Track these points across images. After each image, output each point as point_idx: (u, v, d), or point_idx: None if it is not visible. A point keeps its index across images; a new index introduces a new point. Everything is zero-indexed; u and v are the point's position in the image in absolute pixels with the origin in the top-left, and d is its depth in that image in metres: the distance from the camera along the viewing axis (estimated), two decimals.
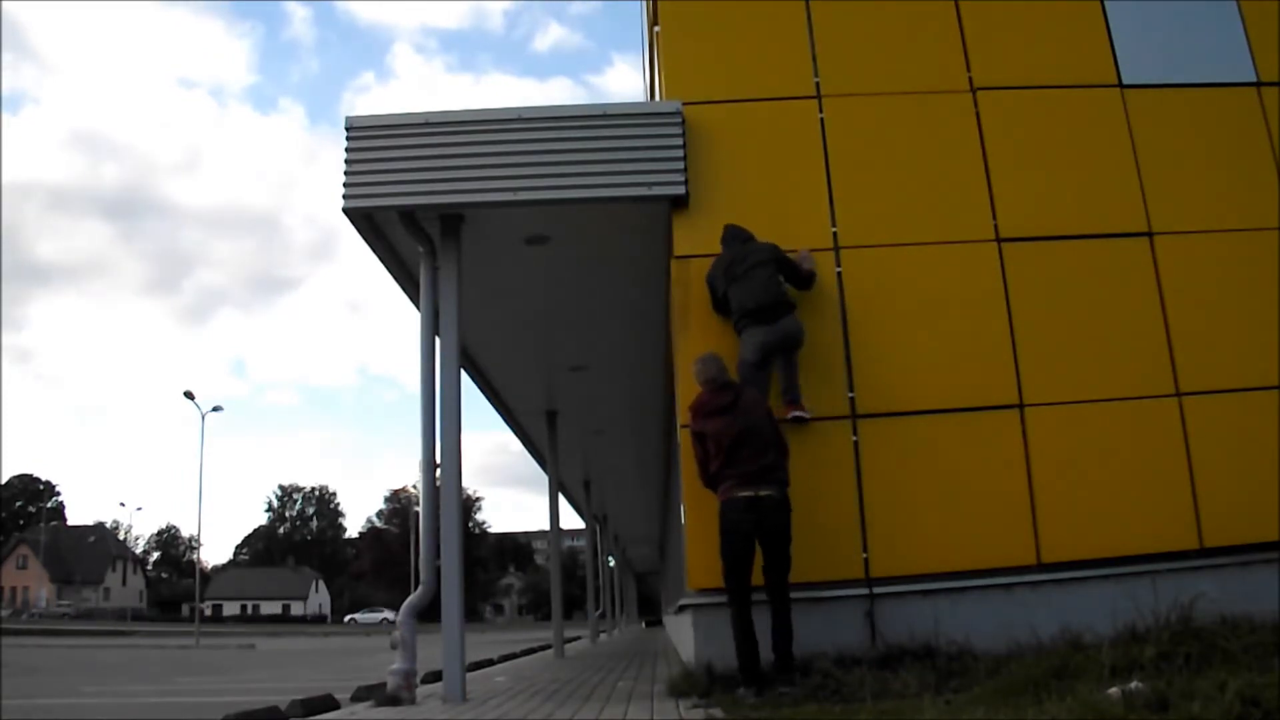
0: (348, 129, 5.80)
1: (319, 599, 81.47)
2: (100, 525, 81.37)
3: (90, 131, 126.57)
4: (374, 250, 6.36)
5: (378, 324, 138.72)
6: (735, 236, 5.53)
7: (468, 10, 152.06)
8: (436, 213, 5.84)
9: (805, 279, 5.50)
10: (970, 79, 5.99)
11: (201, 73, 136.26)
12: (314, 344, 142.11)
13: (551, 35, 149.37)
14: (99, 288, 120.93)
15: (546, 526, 14.16)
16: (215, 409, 39.81)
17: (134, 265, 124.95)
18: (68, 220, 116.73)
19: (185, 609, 58.73)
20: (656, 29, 6.51)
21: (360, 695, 6.63)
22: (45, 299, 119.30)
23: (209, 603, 64.71)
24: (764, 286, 5.28)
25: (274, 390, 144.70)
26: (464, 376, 7.12)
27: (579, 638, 20.34)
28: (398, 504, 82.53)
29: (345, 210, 5.77)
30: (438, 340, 5.91)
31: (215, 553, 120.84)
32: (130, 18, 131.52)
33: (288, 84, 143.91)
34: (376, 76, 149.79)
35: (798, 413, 5.31)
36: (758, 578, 4.78)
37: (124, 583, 77.72)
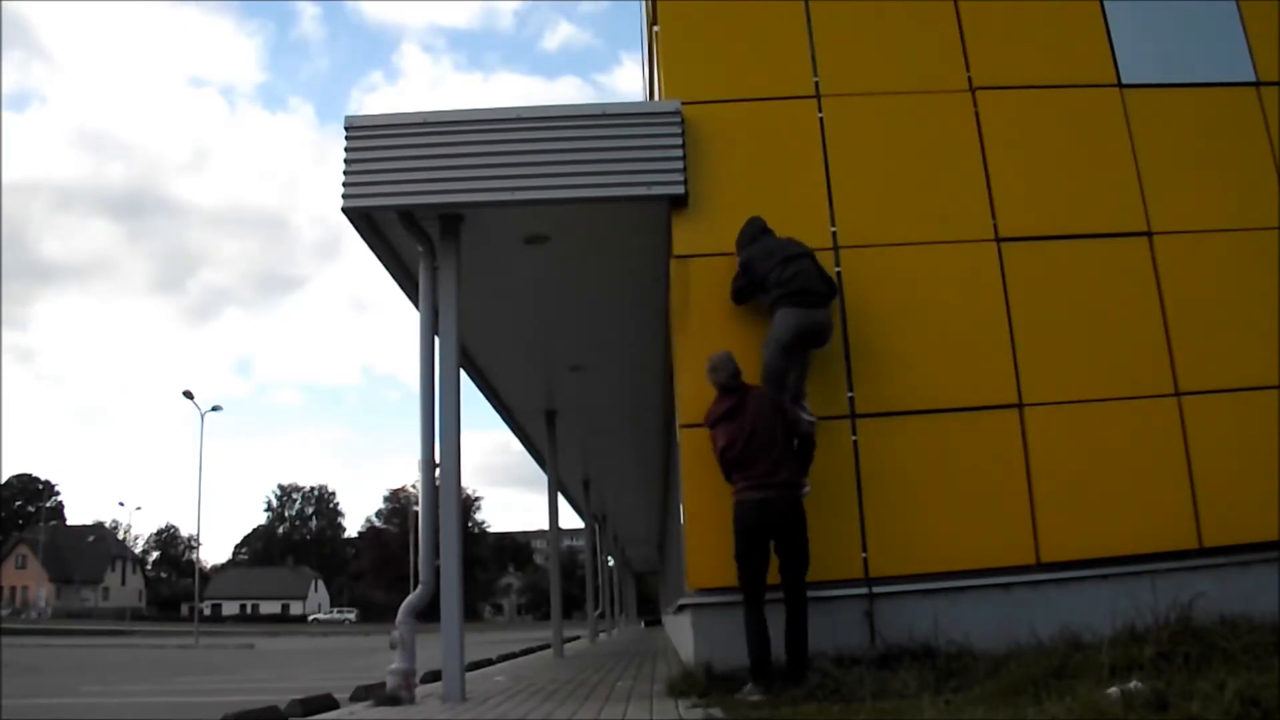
0: (347, 129, 5.80)
1: (318, 598, 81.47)
2: (99, 525, 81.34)
3: (97, 130, 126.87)
4: (374, 250, 6.35)
5: (382, 323, 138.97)
6: (766, 230, 5.49)
7: (478, 9, 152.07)
8: (436, 212, 5.83)
9: (832, 285, 5.47)
10: (970, 79, 5.99)
11: (211, 71, 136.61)
12: (318, 343, 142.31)
13: (561, 34, 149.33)
14: (104, 287, 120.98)
15: (546, 526, 14.16)
16: (214, 409, 39.91)
17: (139, 265, 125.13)
18: (74, 219, 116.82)
19: (184, 609, 58.66)
20: (656, 29, 6.51)
21: (359, 695, 6.63)
22: (49, 298, 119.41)
23: (208, 602, 64.71)
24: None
25: (277, 390, 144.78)
26: (464, 376, 7.12)
27: (578, 637, 20.34)
28: (397, 503, 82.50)
29: (345, 210, 5.77)
30: (437, 340, 5.90)
31: (214, 552, 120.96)
32: (139, 16, 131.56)
33: (297, 82, 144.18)
34: (385, 76, 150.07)
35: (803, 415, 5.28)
36: (772, 576, 4.81)
37: (123, 582, 77.69)
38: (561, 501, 16.19)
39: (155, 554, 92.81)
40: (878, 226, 5.74)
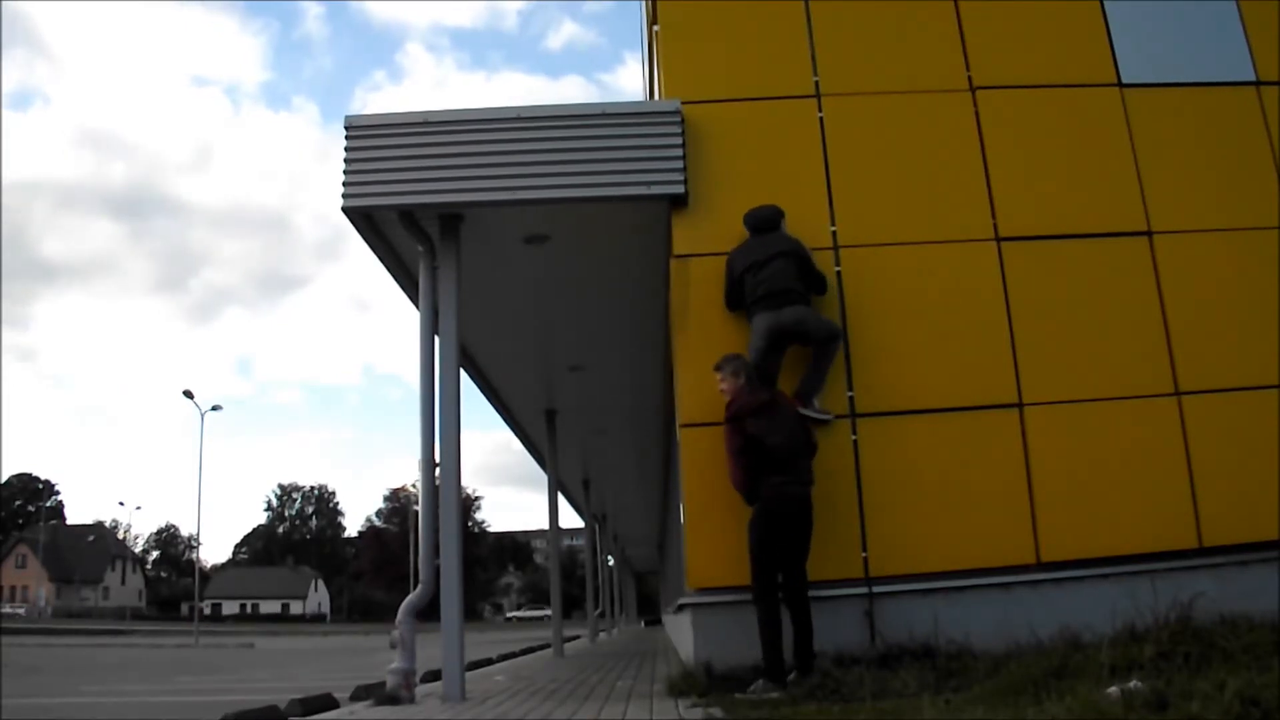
0: (347, 128, 5.80)
1: (318, 598, 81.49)
2: (99, 524, 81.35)
3: (100, 130, 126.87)
4: (374, 250, 6.35)
5: (384, 322, 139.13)
6: (762, 221, 5.50)
7: (482, 9, 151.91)
8: (435, 212, 5.83)
9: (818, 281, 5.50)
10: (970, 78, 5.99)
11: (215, 70, 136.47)
12: (319, 343, 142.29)
13: (565, 33, 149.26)
14: (105, 287, 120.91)
15: (546, 526, 14.16)
16: (214, 408, 39.91)
17: (141, 264, 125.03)
18: (75, 219, 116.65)
19: (184, 608, 58.67)
20: (656, 28, 6.51)
21: (359, 694, 6.64)
22: (50, 298, 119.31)
23: (208, 602, 64.71)
24: (775, 274, 5.29)
25: (278, 389, 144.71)
26: (464, 376, 7.12)
27: (578, 637, 20.34)
28: (397, 503, 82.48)
29: (344, 210, 5.77)
30: (437, 340, 5.91)
31: (214, 552, 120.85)
32: (143, 15, 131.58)
33: (300, 81, 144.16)
34: (389, 75, 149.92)
35: (803, 409, 5.30)
36: None
37: (123, 582, 77.73)
38: (561, 501, 16.19)
39: (155, 554, 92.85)
40: (878, 226, 5.73)
